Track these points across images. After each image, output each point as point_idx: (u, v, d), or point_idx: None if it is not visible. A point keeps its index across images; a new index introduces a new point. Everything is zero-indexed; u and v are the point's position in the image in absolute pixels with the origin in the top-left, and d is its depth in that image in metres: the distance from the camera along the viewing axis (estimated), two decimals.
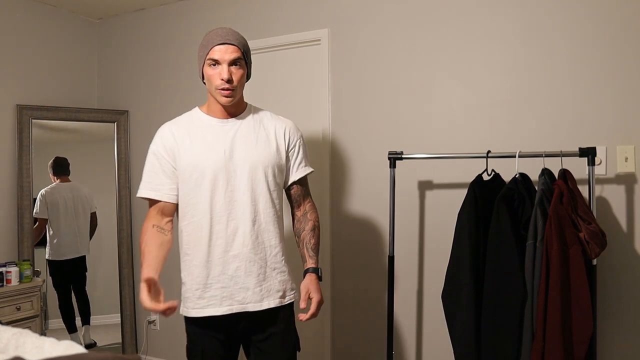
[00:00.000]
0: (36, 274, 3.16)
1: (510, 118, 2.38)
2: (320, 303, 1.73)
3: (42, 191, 3.30)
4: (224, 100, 1.71)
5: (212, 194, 1.71)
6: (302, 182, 1.88)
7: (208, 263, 1.72)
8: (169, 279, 3.59)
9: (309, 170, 1.89)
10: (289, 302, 1.81)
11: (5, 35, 3.20)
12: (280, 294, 1.78)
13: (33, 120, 3.26)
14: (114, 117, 3.52)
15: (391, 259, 2.30)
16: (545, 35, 2.30)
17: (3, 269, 2.88)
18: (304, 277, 1.78)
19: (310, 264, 1.79)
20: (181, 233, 1.80)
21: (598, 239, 1.78)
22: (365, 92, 2.72)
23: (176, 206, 1.79)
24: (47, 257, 3.34)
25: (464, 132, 2.47)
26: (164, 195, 1.76)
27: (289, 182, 1.85)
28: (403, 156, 2.26)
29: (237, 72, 1.69)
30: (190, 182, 1.72)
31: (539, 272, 1.79)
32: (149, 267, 1.67)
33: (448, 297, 1.99)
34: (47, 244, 3.33)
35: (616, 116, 2.17)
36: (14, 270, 2.91)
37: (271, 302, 1.75)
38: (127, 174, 3.53)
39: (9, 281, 2.88)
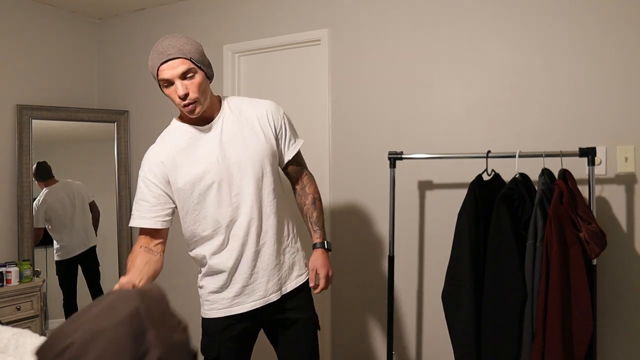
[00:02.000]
0: (36, 274, 3.16)
1: (510, 118, 2.38)
2: (327, 276, 1.78)
3: (36, 201, 3.29)
4: (192, 115, 1.66)
5: (219, 204, 1.70)
6: (296, 157, 1.88)
7: (226, 267, 1.73)
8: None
9: (299, 144, 1.88)
10: (304, 280, 1.84)
11: (5, 35, 3.20)
12: (296, 274, 1.83)
13: (33, 120, 3.26)
14: (114, 117, 3.51)
15: (391, 259, 2.30)
16: (545, 35, 2.30)
17: (3, 269, 2.88)
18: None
19: (315, 238, 1.84)
20: (192, 246, 1.80)
21: (598, 239, 1.78)
22: (365, 92, 2.72)
23: (167, 229, 1.77)
24: (55, 258, 3.35)
25: (464, 132, 2.47)
26: (156, 222, 1.72)
27: (285, 162, 1.85)
28: (403, 156, 2.26)
29: (192, 84, 1.60)
30: (192, 200, 1.70)
31: (539, 272, 1.79)
32: (132, 276, 1.57)
33: (448, 297, 1.99)
34: (55, 247, 3.36)
35: (616, 116, 2.17)
36: (14, 270, 2.91)
37: (289, 286, 1.80)
38: (127, 174, 3.53)
39: (9, 281, 2.88)
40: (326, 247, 1.83)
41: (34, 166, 3.29)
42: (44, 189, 3.35)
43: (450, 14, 2.51)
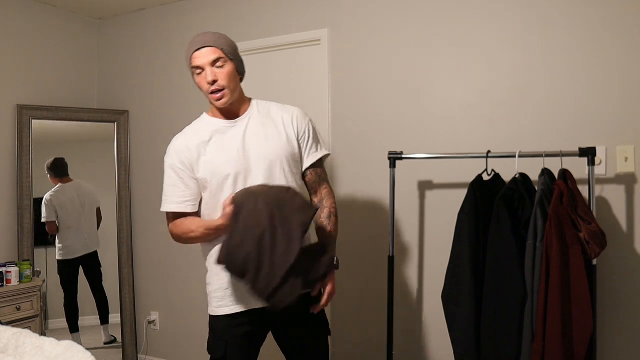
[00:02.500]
0: (36, 274, 3.16)
1: (510, 118, 2.38)
2: (331, 294, 1.76)
3: (47, 196, 3.31)
4: (218, 103, 1.72)
5: None
6: (317, 166, 1.87)
7: None
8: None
9: (322, 153, 1.88)
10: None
11: (5, 35, 3.20)
12: None
13: (33, 120, 3.26)
14: (114, 117, 3.51)
15: (391, 259, 2.30)
16: (545, 35, 2.30)
17: (3, 269, 2.88)
18: None
19: None
20: None
21: (598, 239, 1.78)
22: (365, 92, 2.72)
23: (198, 214, 1.82)
24: (57, 257, 3.35)
25: (464, 132, 2.47)
26: (187, 206, 1.77)
27: (303, 169, 1.86)
28: (403, 156, 2.26)
29: (221, 72, 1.69)
30: (211, 189, 1.74)
31: (539, 272, 1.79)
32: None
33: (448, 297, 1.99)
34: (57, 244, 3.36)
35: (616, 116, 2.17)
36: (14, 270, 2.91)
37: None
38: (127, 174, 3.53)
39: (9, 281, 2.88)
40: (335, 262, 1.78)
41: (51, 160, 3.32)
42: (57, 185, 3.36)
43: (451, 15, 2.51)
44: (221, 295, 1.77)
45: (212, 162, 1.73)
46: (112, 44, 3.67)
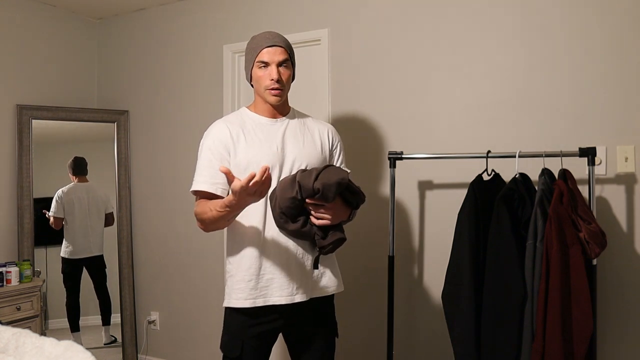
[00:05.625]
0: (36, 274, 3.16)
1: (510, 118, 2.38)
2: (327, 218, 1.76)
3: (59, 191, 3.35)
4: (273, 99, 1.79)
5: None
6: None
7: (260, 255, 1.76)
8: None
9: (348, 170, 1.95)
10: (333, 293, 1.89)
11: (5, 35, 3.20)
12: (325, 282, 1.86)
13: (33, 120, 3.26)
14: (114, 117, 3.52)
15: (391, 259, 2.30)
16: (546, 35, 2.30)
17: (3, 269, 2.88)
18: None
19: None
20: (231, 227, 1.81)
21: (598, 239, 1.78)
22: (365, 92, 2.72)
23: None
24: (61, 254, 3.36)
25: (464, 132, 2.47)
26: (218, 189, 1.76)
27: None
28: (403, 156, 2.26)
29: (285, 73, 1.79)
30: (244, 177, 1.74)
31: (539, 272, 1.79)
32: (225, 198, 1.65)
33: (448, 297, 1.99)
34: (63, 241, 3.37)
35: (616, 116, 2.17)
36: (14, 270, 2.91)
37: (316, 293, 1.83)
38: (127, 174, 3.53)
39: (9, 281, 2.88)
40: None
41: (72, 158, 3.39)
42: (73, 183, 3.40)
43: (451, 15, 2.51)
44: (242, 287, 1.76)
45: (250, 152, 1.76)
46: (112, 44, 3.66)
